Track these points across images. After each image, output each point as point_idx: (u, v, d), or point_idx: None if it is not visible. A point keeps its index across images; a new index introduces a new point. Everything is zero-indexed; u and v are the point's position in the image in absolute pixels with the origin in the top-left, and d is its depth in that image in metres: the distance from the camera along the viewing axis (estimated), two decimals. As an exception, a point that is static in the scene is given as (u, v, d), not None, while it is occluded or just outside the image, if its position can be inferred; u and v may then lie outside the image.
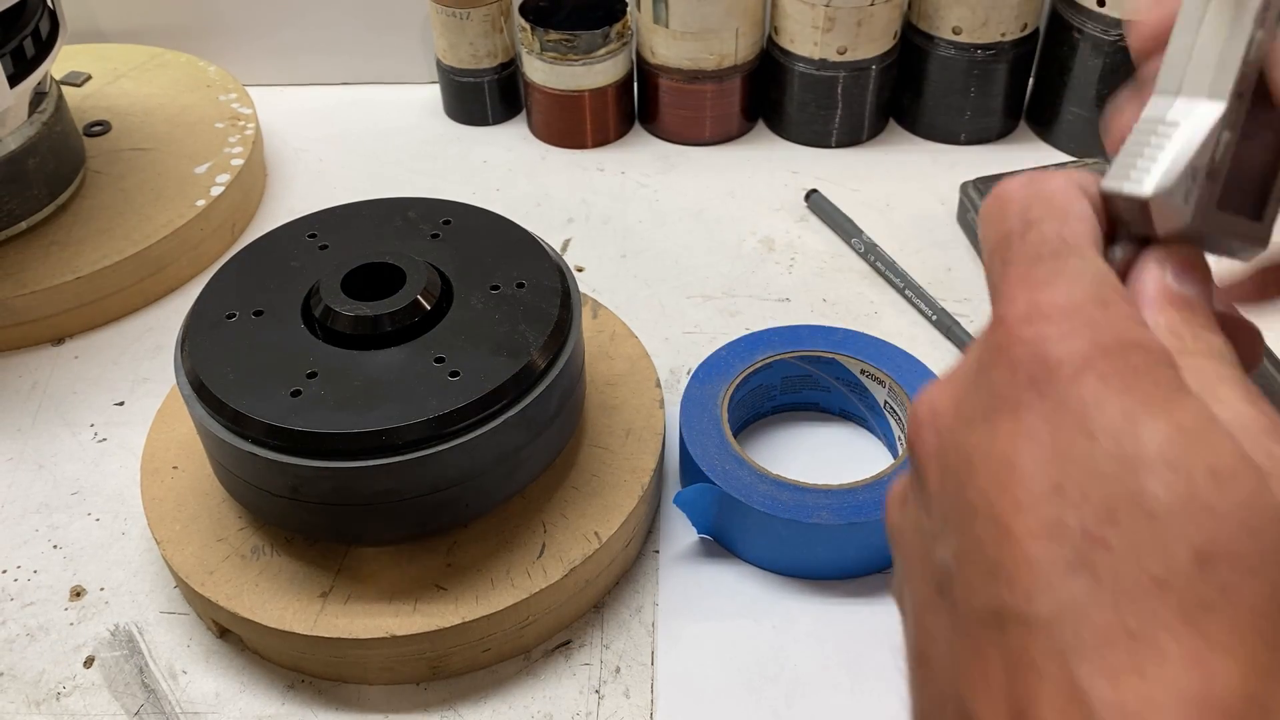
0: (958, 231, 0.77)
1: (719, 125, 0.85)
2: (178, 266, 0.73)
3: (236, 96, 0.83)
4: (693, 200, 0.80)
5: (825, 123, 0.83)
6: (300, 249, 0.55)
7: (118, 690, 0.51)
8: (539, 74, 0.82)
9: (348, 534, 0.51)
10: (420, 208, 0.57)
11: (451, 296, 0.52)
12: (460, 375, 0.48)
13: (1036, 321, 0.24)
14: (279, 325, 0.51)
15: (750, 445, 0.61)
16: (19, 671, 0.52)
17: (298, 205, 0.80)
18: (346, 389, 0.48)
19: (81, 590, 0.56)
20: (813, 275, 0.73)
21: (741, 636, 0.53)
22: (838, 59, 0.80)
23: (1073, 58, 0.79)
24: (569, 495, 0.54)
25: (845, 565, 0.54)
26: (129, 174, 0.75)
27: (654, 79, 0.83)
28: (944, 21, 0.79)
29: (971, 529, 0.22)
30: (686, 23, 0.79)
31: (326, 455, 0.46)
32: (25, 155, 0.69)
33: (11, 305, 0.67)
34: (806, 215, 0.78)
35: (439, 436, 0.47)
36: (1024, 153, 0.83)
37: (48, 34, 0.68)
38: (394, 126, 0.88)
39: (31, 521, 0.59)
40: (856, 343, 0.59)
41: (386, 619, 0.49)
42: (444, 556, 0.52)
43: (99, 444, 0.63)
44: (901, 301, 0.71)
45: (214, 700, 0.51)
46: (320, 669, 0.51)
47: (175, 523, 0.53)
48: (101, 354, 0.69)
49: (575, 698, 0.51)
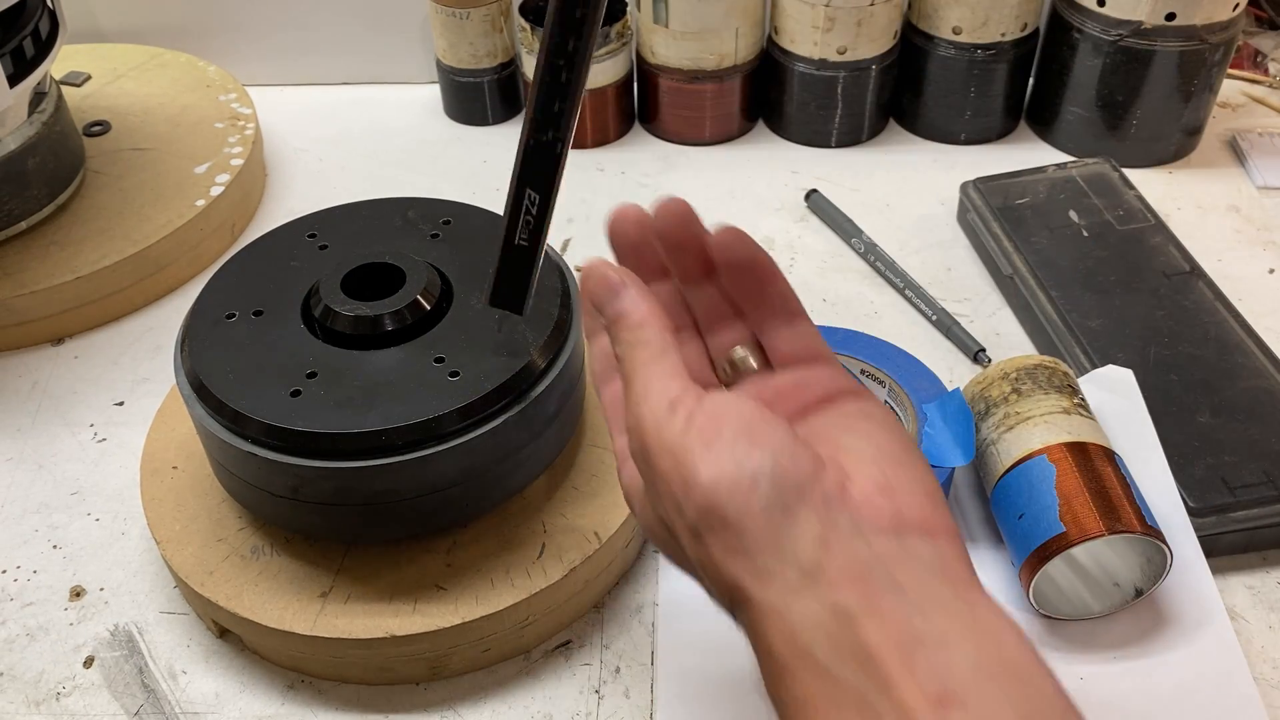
0: (958, 231, 0.77)
1: (719, 125, 0.85)
2: (177, 266, 0.73)
3: (236, 96, 0.83)
4: (693, 200, 0.79)
5: (825, 123, 0.83)
6: (300, 249, 0.55)
7: (117, 690, 0.51)
8: (539, 74, 0.82)
9: (347, 534, 0.51)
10: (420, 208, 0.57)
11: (451, 296, 0.52)
12: (460, 375, 0.48)
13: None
14: (279, 325, 0.51)
15: (750, 445, 0.60)
16: (19, 671, 0.52)
17: (297, 205, 0.80)
18: (346, 389, 0.47)
19: (81, 590, 0.56)
20: (813, 275, 0.73)
21: (742, 636, 0.53)
22: (838, 59, 0.80)
23: (1073, 57, 0.79)
24: (569, 495, 0.54)
25: (845, 565, 0.54)
26: (129, 174, 0.75)
27: (654, 79, 0.83)
28: (944, 21, 0.79)
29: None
30: (686, 23, 0.79)
31: (327, 455, 0.46)
32: (25, 155, 0.69)
33: (11, 305, 0.67)
34: (806, 215, 0.78)
35: (439, 436, 0.47)
36: (1024, 153, 0.83)
37: (47, 34, 0.68)
38: (394, 126, 0.88)
39: (31, 521, 0.59)
40: (856, 343, 0.59)
41: (386, 619, 0.49)
42: (444, 557, 0.52)
43: (99, 444, 0.63)
44: (901, 301, 0.71)
45: (214, 700, 0.51)
46: (320, 669, 0.51)
47: (175, 523, 0.53)
48: (101, 354, 0.69)
49: (575, 698, 0.51)
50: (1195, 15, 0.74)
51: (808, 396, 0.39)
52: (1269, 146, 0.83)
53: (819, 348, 0.40)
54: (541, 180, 0.41)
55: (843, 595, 0.32)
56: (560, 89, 0.39)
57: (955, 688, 0.29)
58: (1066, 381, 0.55)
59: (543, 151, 0.40)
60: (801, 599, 0.32)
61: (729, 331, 0.42)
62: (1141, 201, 0.73)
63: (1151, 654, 0.51)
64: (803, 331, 0.40)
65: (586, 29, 0.37)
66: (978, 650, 0.30)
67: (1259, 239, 0.75)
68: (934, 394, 0.56)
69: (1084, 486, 0.50)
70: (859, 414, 0.38)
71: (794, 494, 0.33)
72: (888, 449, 0.36)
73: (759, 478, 0.33)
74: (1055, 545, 0.49)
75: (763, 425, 0.34)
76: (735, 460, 0.33)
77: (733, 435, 0.34)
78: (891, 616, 0.31)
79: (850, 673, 0.30)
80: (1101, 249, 0.69)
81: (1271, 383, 0.60)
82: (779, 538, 0.33)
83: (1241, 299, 0.67)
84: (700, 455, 0.34)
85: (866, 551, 0.32)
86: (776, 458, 0.33)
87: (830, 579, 0.32)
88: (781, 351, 0.40)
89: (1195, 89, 0.77)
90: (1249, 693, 0.49)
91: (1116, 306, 0.65)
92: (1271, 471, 0.56)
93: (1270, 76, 0.90)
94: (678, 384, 0.36)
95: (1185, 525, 0.54)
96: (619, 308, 0.38)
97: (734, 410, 0.35)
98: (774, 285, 0.40)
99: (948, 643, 0.30)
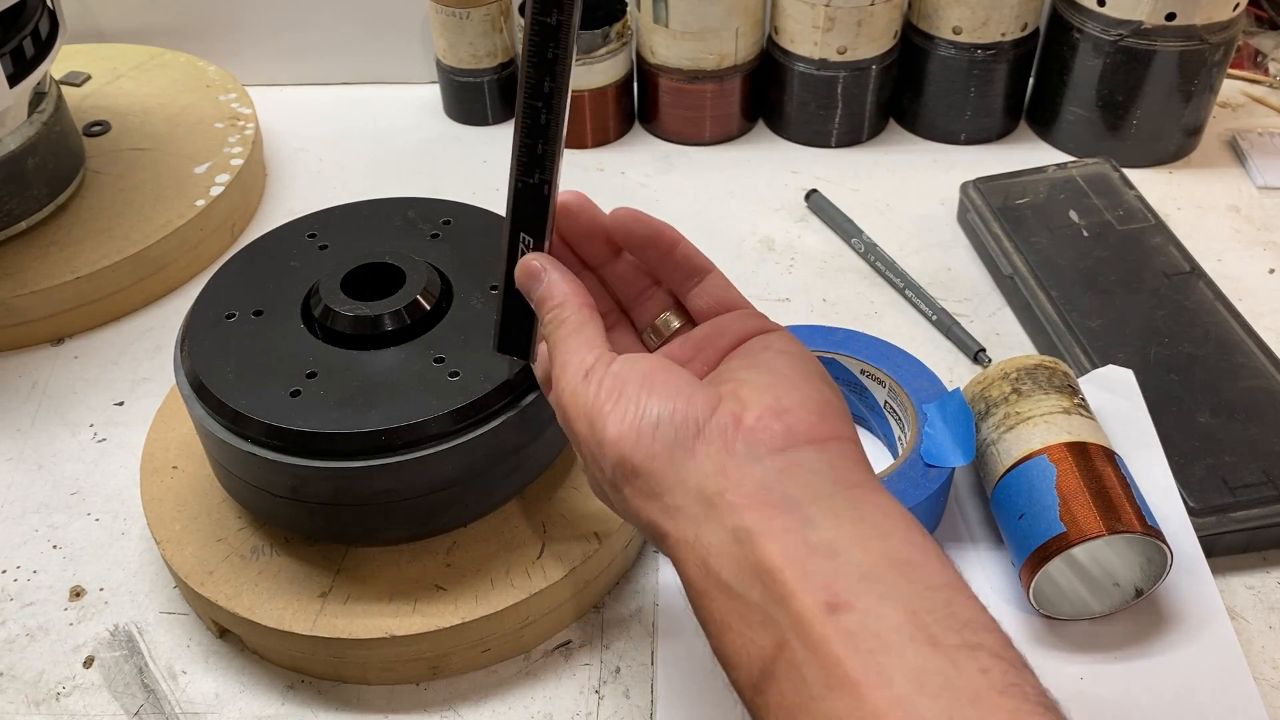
0: (958, 231, 0.77)
1: (719, 125, 0.85)
2: (177, 266, 0.73)
3: (236, 96, 0.83)
4: (693, 200, 0.80)
5: (825, 123, 0.83)
6: (300, 249, 0.55)
7: (117, 690, 0.51)
8: (539, 74, 0.82)
9: (347, 534, 0.51)
10: (420, 208, 0.57)
11: (451, 296, 0.52)
12: (460, 375, 0.48)
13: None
14: (279, 325, 0.51)
15: (750, 445, 0.60)
16: (19, 671, 0.52)
17: (297, 205, 0.80)
18: (346, 389, 0.48)
19: (81, 590, 0.56)
20: (813, 275, 0.73)
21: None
22: (838, 59, 0.80)
23: (1073, 57, 0.79)
24: (569, 495, 0.54)
25: (845, 565, 0.54)
26: (129, 174, 0.75)
27: (654, 79, 0.83)
28: (944, 21, 0.79)
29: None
30: (686, 23, 0.79)
31: (327, 455, 0.46)
32: (25, 155, 0.69)
33: (11, 305, 0.67)
34: (806, 215, 0.78)
35: (439, 436, 0.47)
36: (1024, 152, 0.83)
37: (47, 34, 0.68)
38: (394, 126, 0.88)
39: (31, 521, 0.59)
40: (856, 343, 0.59)
41: (386, 619, 0.49)
42: (444, 557, 0.52)
43: (99, 444, 0.63)
44: (901, 301, 0.71)
45: (214, 700, 0.51)
46: (320, 669, 0.51)
47: (175, 523, 0.53)
48: (101, 354, 0.69)
49: (575, 698, 0.51)
50: (1195, 15, 0.74)
51: (722, 343, 0.42)
52: (1269, 146, 0.83)
53: (728, 296, 0.43)
54: (534, 223, 0.42)
55: (743, 518, 0.34)
56: (541, 130, 0.40)
57: (844, 592, 0.32)
58: (1067, 381, 0.55)
59: (531, 194, 0.41)
60: (707, 527, 0.35)
61: (653, 301, 0.45)
62: (1141, 201, 0.73)
63: (1151, 654, 0.51)
64: (711, 286, 0.44)
65: (560, 68, 0.38)
66: (864, 552, 0.33)
67: (1259, 239, 0.75)
68: (934, 394, 0.56)
69: (1084, 486, 0.50)
70: (760, 347, 0.41)
71: (692, 431, 0.36)
72: (783, 373, 0.39)
73: (660, 422, 0.37)
74: (1055, 545, 0.49)
75: (662, 376, 0.38)
76: (636, 411, 0.37)
77: (635, 390, 0.38)
78: (786, 532, 0.34)
79: (753, 591, 0.33)
80: (1101, 249, 0.69)
81: (1271, 383, 0.60)
82: (681, 474, 0.36)
83: (1241, 299, 0.67)
84: (608, 413, 0.37)
85: (761, 472, 0.35)
86: (674, 401, 0.37)
87: (731, 504, 0.35)
88: (696, 308, 0.44)
89: (1195, 89, 0.77)
90: (1249, 693, 0.49)
91: (1116, 306, 0.65)
92: (1271, 471, 0.56)
93: (1270, 76, 0.90)
94: (592, 354, 0.39)
95: (1185, 525, 0.54)
96: (541, 292, 0.42)
97: (637, 368, 0.38)
98: (677, 250, 0.43)
99: (837, 550, 0.33)
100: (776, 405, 0.37)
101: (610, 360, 0.39)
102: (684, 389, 0.37)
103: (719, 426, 0.36)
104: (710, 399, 0.37)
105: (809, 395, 0.38)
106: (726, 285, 0.44)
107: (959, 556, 0.55)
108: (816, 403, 0.38)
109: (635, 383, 0.38)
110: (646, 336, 0.45)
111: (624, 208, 0.43)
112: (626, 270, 0.45)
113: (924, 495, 0.52)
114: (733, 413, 0.37)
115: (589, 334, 0.40)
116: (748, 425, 0.36)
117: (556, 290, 0.42)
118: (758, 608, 0.33)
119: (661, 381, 0.38)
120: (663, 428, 0.36)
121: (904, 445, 0.56)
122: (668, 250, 0.43)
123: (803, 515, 0.34)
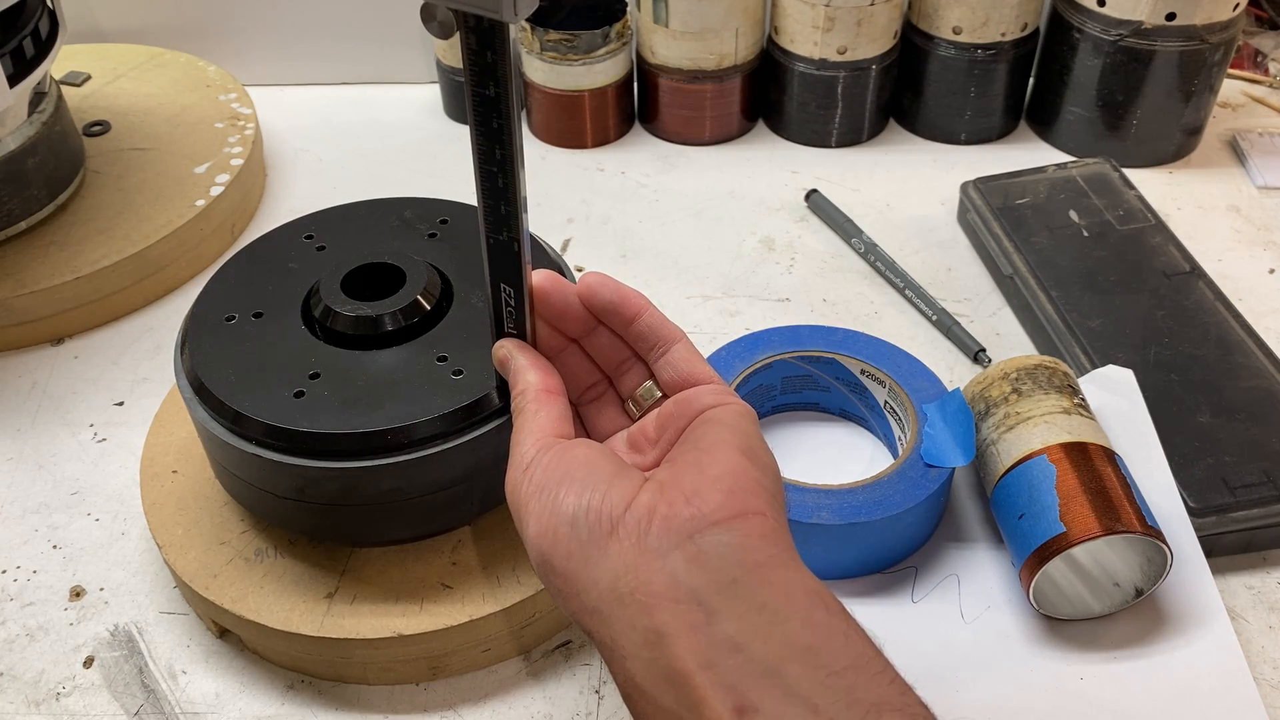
0: (958, 231, 0.77)
1: (719, 125, 0.85)
2: (177, 266, 0.73)
3: (236, 96, 0.83)
4: (693, 200, 0.80)
5: (825, 123, 0.83)
6: (299, 250, 0.55)
7: (117, 690, 0.51)
8: (539, 74, 0.82)
9: (353, 534, 0.51)
10: (418, 208, 0.57)
11: (451, 295, 0.52)
12: (464, 373, 0.48)
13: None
14: (279, 326, 0.51)
15: (751, 445, 0.60)
16: (19, 671, 0.52)
17: (297, 205, 0.80)
18: (350, 389, 0.48)
19: (81, 590, 0.56)
20: (813, 275, 0.73)
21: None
22: (838, 59, 0.80)
23: (1073, 57, 0.79)
24: (570, 495, 0.54)
25: (845, 565, 0.54)
26: (129, 174, 0.75)
27: (654, 79, 0.83)
28: (944, 21, 0.79)
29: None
30: (686, 23, 0.79)
31: (334, 455, 0.46)
32: (25, 155, 0.69)
33: (11, 305, 0.67)
34: (806, 215, 0.78)
35: (445, 434, 0.47)
36: (1024, 153, 0.83)
37: (47, 34, 0.68)
38: (394, 126, 0.88)
39: (31, 521, 0.59)
40: (856, 343, 0.59)
41: (393, 619, 0.49)
42: (449, 555, 0.52)
43: (99, 444, 0.63)
44: (901, 301, 0.71)
45: (214, 700, 0.51)
46: (322, 669, 0.51)
47: (177, 527, 0.53)
48: (101, 354, 0.69)
49: (575, 698, 0.51)
50: (1195, 15, 0.74)
51: (681, 422, 0.41)
52: (1269, 146, 0.83)
53: (693, 371, 0.42)
54: (510, 275, 0.42)
55: (653, 618, 0.34)
56: (500, 193, 0.40)
57: (750, 693, 0.32)
58: (1067, 381, 0.55)
59: (503, 249, 0.42)
60: (620, 629, 0.35)
61: (634, 371, 0.44)
62: (1142, 201, 0.73)
63: (1151, 654, 0.51)
64: (676, 358, 0.42)
65: (506, 136, 0.39)
66: (764, 643, 0.33)
67: (1259, 239, 0.75)
68: (934, 394, 0.56)
69: (1084, 486, 0.50)
70: (704, 422, 0.40)
71: (605, 529, 0.36)
72: (703, 446, 0.38)
73: (575, 520, 0.36)
74: (1055, 545, 0.49)
75: (583, 470, 0.38)
76: (554, 509, 0.37)
77: (555, 485, 0.37)
78: (693, 630, 0.33)
79: (667, 696, 0.33)
80: (1101, 249, 0.69)
81: (1271, 383, 0.60)
82: (595, 574, 0.35)
83: (1241, 299, 0.67)
84: (531, 511, 0.37)
85: (670, 566, 0.35)
86: (590, 496, 0.36)
87: (641, 604, 0.34)
88: (664, 380, 0.43)
89: (1195, 89, 0.78)
90: (1249, 693, 0.49)
91: (1116, 306, 0.65)
92: (1271, 471, 0.56)
93: (1270, 76, 0.90)
94: (536, 446, 0.39)
95: (1185, 525, 0.54)
96: (510, 381, 0.43)
97: (563, 460, 0.38)
98: (640, 320, 0.42)
99: (739, 644, 0.33)
100: (686, 488, 0.36)
101: (549, 449, 0.39)
102: (601, 483, 0.37)
103: (633, 520, 0.36)
104: (628, 491, 0.37)
105: (722, 470, 0.37)
106: (692, 357, 0.42)
107: (959, 556, 0.55)
108: (727, 478, 0.37)
109: (556, 479, 0.38)
110: (629, 407, 0.44)
111: (593, 273, 0.43)
112: (608, 340, 0.44)
113: (924, 495, 0.52)
114: (647, 505, 0.36)
115: (540, 422, 0.40)
116: (661, 515, 0.35)
117: (519, 379, 0.42)
118: (673, 714, 0.33)
119: (582, 476, 0.37)
120: (577, 526, 0.36)
121: (904, 445, 0.56)
122: (630, 320, 0.42)
123: (708, 609, 0.34)
